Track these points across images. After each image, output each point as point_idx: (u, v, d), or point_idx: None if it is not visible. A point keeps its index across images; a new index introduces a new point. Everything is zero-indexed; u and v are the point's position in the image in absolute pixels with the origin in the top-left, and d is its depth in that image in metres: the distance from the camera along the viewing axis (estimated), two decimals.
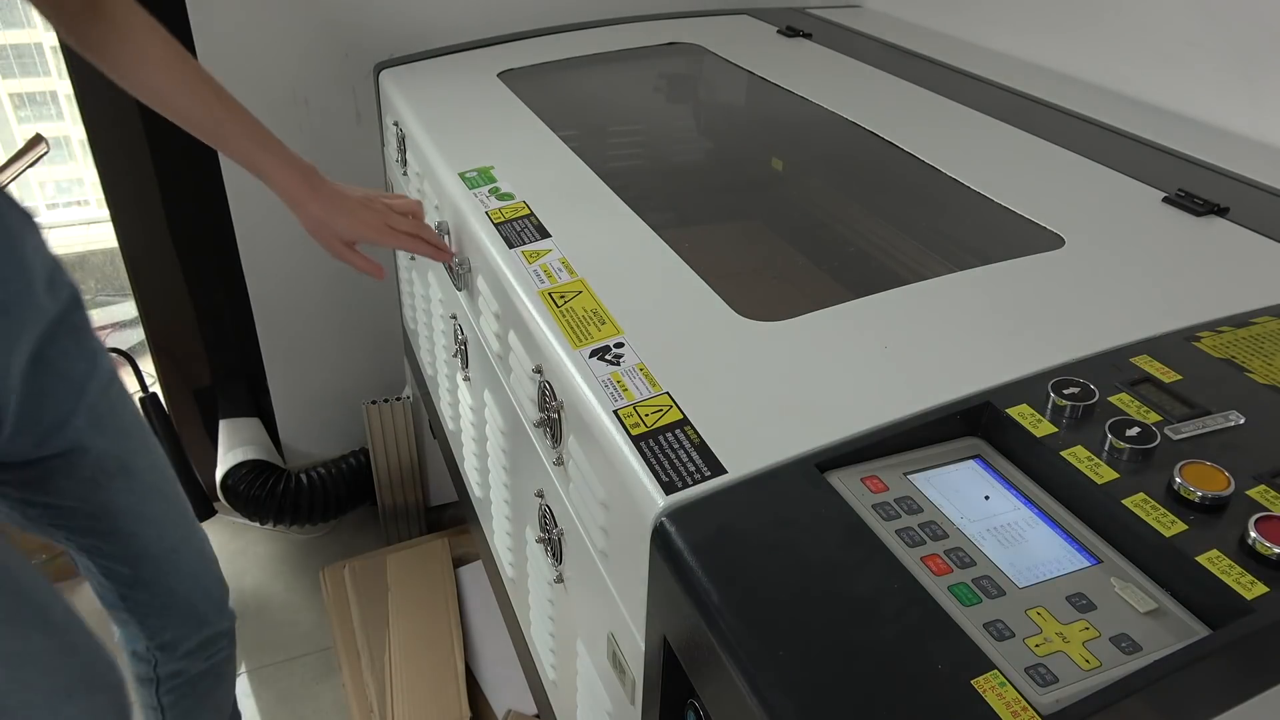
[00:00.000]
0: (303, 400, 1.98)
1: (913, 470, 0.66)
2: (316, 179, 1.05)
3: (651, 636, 0.68)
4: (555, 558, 0.93)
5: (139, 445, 1.10)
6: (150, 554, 1.13)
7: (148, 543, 1.12)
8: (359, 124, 1.76)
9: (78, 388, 1.01)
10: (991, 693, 0.50)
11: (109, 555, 1.11)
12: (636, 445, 0.68)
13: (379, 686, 1.57)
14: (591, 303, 0.86)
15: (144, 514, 1.11)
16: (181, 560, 1.16)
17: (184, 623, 1.20)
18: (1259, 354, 0.73)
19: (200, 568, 1.20)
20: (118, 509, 1.08)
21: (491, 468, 1.20)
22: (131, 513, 1.09)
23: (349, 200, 1.06)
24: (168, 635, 1.19)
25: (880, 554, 0.59)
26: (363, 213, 1.06)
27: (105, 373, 1.04)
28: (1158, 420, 0.66)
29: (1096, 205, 1.01)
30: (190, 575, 1.19)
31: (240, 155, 1.04)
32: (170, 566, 1.15)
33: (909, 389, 0.71)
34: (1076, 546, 0.60)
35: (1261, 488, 0.60)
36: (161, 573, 1.15)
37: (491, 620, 1.66)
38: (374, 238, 1.07)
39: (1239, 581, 0.54)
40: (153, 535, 1.12)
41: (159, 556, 1.14)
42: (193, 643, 1.22)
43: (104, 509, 1.07)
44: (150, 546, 1.12)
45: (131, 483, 1.08)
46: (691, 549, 0.59)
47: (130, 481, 1.08)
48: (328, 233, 1.07)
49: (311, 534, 2.05)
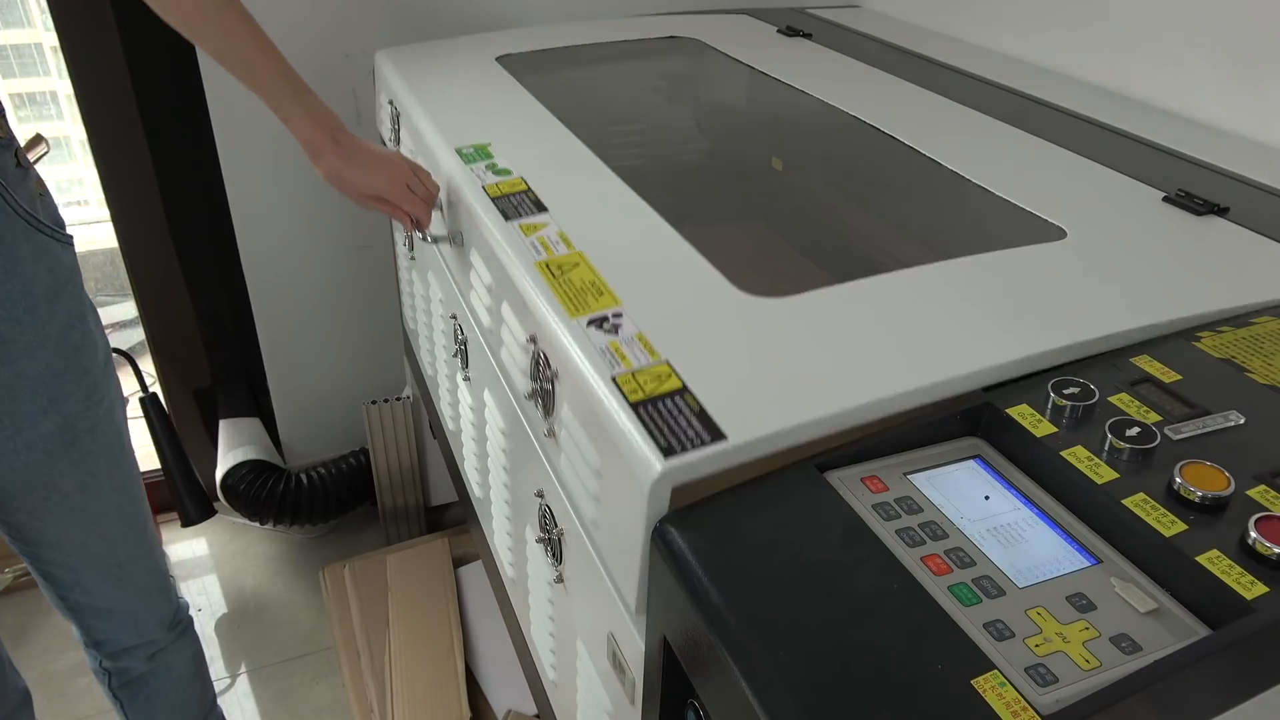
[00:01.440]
0: (303, 400, 1.98)
1: (913, 470, 0.66)
2: (340, 132, 1.06)
3: (651, 636, 0.68)
4: (555, 558, 0.93)
5: (109, 466, 1.07)
6: (95, 565, 1.12)
7: (94, 556, 1.11)
8: (359, 125, 1.76)
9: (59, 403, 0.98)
10: (991, 693, 0.50)
11: (52, 563, 1.10)
12: (635, 411, 0.66)
13: (379, 686, 1.57)
14: (590, 274, 0.85)
15: (95, 531, 1.09)
16: (127, 575, 1.15)
17: (121, 629, 1.19)
18: (1259, 354, 0.73)
19: (148, 584, 1.19)
20: (70, 523, 1.07)
21: (491, 468, 1.20)
22: (82, 529, 1.08)
23: (369, 154, 1.07)
24: (103, 636, 1.19)
25: (880, 554, 0.59)
26: (381, 168, 1.07)
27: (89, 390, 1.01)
28: (1158, 420, 0.66)
29: (1097, 203, 1.01)
30: (136, 591, 1.18)
31: (268, 98, 1.05)
32: (114, 580, 1.14)
33: (909, 363, 0.70)
34: (1076, 546, 0.60)
35: (1261, 488, 0.60)
36: (104, 584, 1.14)
37: (491, 620, 1.66)
38: (388, 192, 1.08)
39: (1239, 581, 0.54)
40: (101, 550, 1.11)
41: (103, 570, 1.13)
42: (130, 648, 1.22)
43: (56, 523, 1.06)
44: (96, 560, 1.11)
45: (89, 502, 1.07)
46: (691, 549, 0.59)
47: (88, 500, 1.07)
48: (345, 184, 1.07)
49: (311, 534, 2.05)
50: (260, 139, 1.72)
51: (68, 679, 1.71)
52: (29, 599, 1.86)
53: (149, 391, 1.83)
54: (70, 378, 0.98)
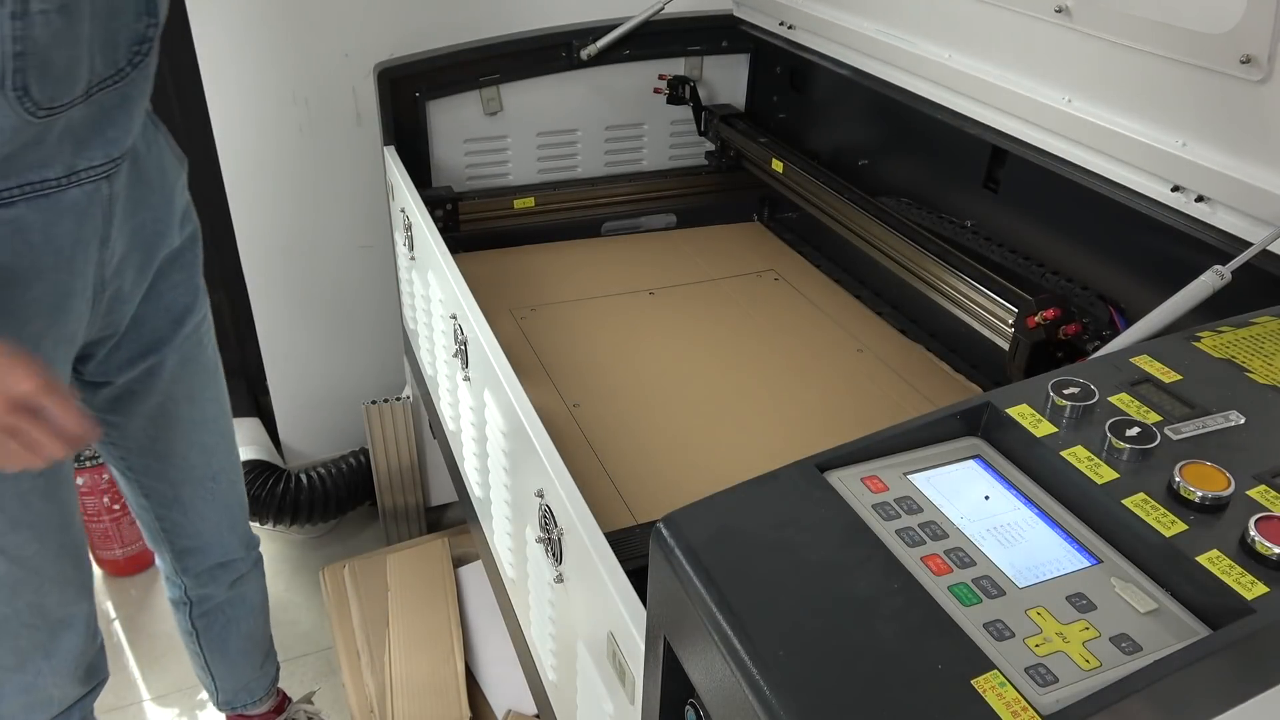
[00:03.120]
0: (303, 400, 1.98)
1: (913, 470, 0.66)
2: None
3: (651, 636, 0.68)
4: (555, 558, 0.93)
5: (211, 378, 1.17)
6: (194, 478, 1.19)
7: (193, 467, 1.19)
8: (359, 124, 1.76)
9: (177, 320, 1.08)
10: (991, 693, 0.50)
11: (156, 475, 1.17)
12: None
13: (379, 686, 1.57)
14: None
15: (197, 441, 1.18)
16: (219, 489, 1.23)
17: (209, 549, 1.27)
18: (1259, 354, 0.73)
19: (232, 500, 1.27)
20: (178, 434, 1.15)
21: (491, 468, 1.20)
22: (186, 439, 1.16)
23: None
24: (191, 560, 1.27)
25: (880, 554, 0.59)
26: None
27: (202, 310, 1.11)
28: (1158, 420, 0.66)
29: None
30: (223, 505, 1.25)
31: None
32: (207, 493, 1.22)
33: None
34: (1076, 546, 0.60)
35: (1261, 488, 0.60)
36: (198, 498, 1.21)
37: (491, 620, 1.66)
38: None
39: (1239, 581, 0.54)
40: (200, 461, 1.19)
41: (200, 482, 1.20)
42: (216, 570, 1.29)
43: (165, 432, 1.14)
44: (194, 471, 1.19)
45: (194, 411, 1.15)
46: (691, 549, 0.59)
47: (193, 409, 1.15)
48: None
49: (311, 534, 2.05)
50: (260, 138, 1.72)
51: None
52: None
53: None
54: (191, 291, 1.09)
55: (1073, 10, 1.04)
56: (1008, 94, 1.16)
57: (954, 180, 1.36)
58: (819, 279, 1.61)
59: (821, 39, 1.52)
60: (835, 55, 1.49)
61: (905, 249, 1.31)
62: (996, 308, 1.15)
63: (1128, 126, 1.02)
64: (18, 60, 0.76)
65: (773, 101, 1.77)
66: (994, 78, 1.19)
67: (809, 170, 1.52)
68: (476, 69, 1.63)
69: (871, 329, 1.46)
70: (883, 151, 1.52)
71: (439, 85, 1.62)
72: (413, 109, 1.61)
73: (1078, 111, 1.07)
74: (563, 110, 1.73)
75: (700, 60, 1.77)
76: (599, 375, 1.33)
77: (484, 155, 1.72)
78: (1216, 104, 0.92)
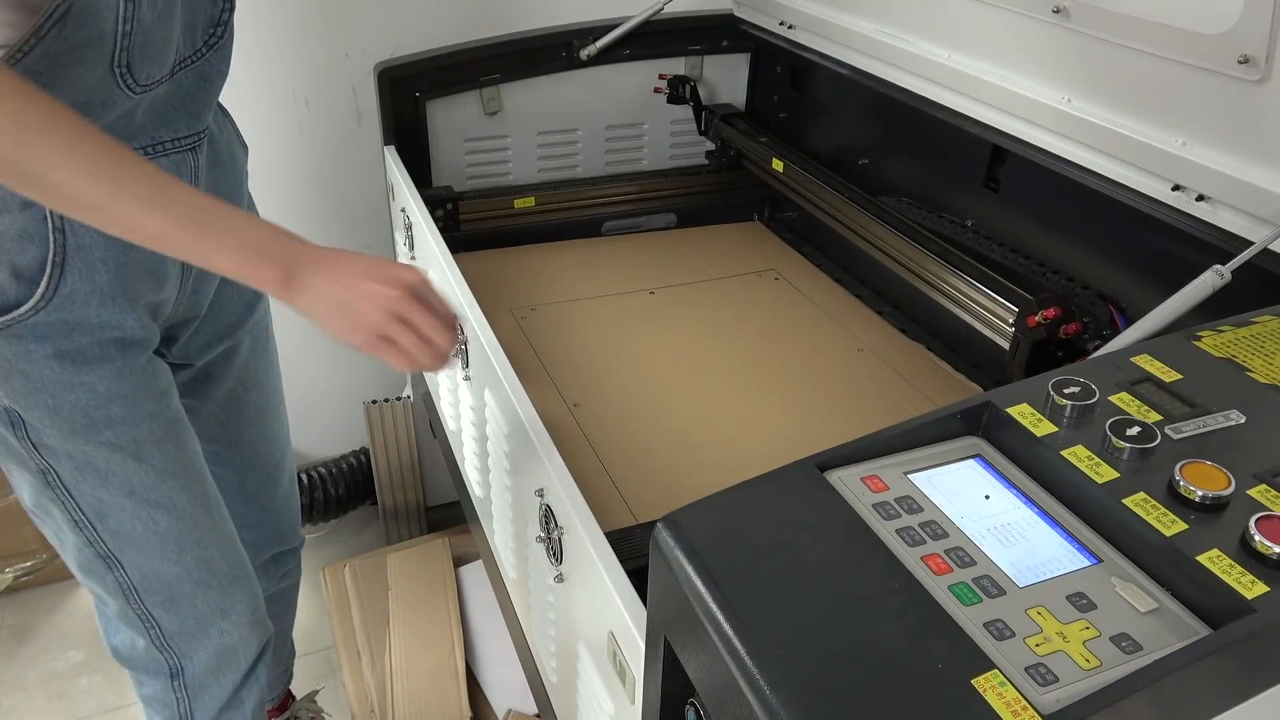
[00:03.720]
0: (303, 400, 1.98)
1: (913, 470, 0.66)
2: (296, 261, 0.77)
3: (651, 636, 0.68)
4: (555, 557, 0.93)
5: (272, 365, 1.19)
6: (258, 465, 1.21)
7: (258, 454, 1.20)
8: (359, 124, 1.76)
9: (249, 304, 1.11)
10: (991, 692, 0.50)
11: (223, 462, 1.17)
12: None
13: (379, 686, 1.57)
14: None
15: (263, 429, 1.19)
16: (281, 476, 1.25)
17: (268, 538, 1.28)
18: (1259, 353, 0.73)
19: (289, 488, 1.29)
20: (245, 419, 1.16)
21: (491, 468, 1.20)
22: (254, 425, 1.18)
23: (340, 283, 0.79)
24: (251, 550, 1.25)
25: (880, 554, 0.59)
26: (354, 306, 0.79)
27: (268, 297, 1.13)
28: (1158, 419, 0.66)
29: None
30: (283, 494, 1.27)
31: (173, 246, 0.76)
32: (271, 481, 1.24)
33: None
34: (1077, 546, 0.60)
35: (1262, 487, 0.60)
36: (262, 486, 1.23)
37: (491, 620, 1.66)
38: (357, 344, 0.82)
39: (1239, 581, 0.54)
40: (264, 449, 1.21)
41: (264, 469, 1.22)
42: (269, 564, 1.30)
43: (234, 418, 1.15)
44: (260, 458, 1.21)
45: (261, 397, 1.17)
46: (692, 549, 0.59)
47: (260, 396, 1.17)
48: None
49: (311, 534, 2.05)
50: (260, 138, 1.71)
51: (68, 679, 1.71)
52: (29, 599, 1.87)
53: None
54: None
55: (1070, 11, 1.04)
56: (1007, 94, 1.16)
57: (954, 180, 1.36)
58: (819, 278, 1.61)
59: (821, 39, 1.52)
60: (835, 55, 1.49)
61: (906, 248, 1.31)
62: (997, 307, 1.15)
63: (1127, 126, 1.02)
64: (124, 40, 0.79)
65: (773, 101, 1.77)
66: (994, 77, 1.19)
67: (809, 170, 1.51)
68: (476, 69, 1.63)
69: (872, 328, 1.46)
70: (883, 151, 1.52)
71: (439, 85, 1.62)
72: (413, 109, 1.61)
73: (1077, 111, 1.07)
74: (563, 110, 1.73)
75: (700, 60, 1.77)
76: (599, 375, 1.33)
77: (484, 155, 1.72)
78: (1215, 104, 0.92)
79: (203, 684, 1.08)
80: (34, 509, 0.98)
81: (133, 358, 0.92)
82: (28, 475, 0.94)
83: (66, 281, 0.85)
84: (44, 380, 0.87)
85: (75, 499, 0.94)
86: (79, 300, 0.86)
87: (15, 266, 0.83)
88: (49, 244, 0.83)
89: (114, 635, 1.07)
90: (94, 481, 0.93)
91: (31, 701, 1.67)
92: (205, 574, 1.03)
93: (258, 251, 0.76)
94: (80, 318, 0.86)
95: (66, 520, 0.95)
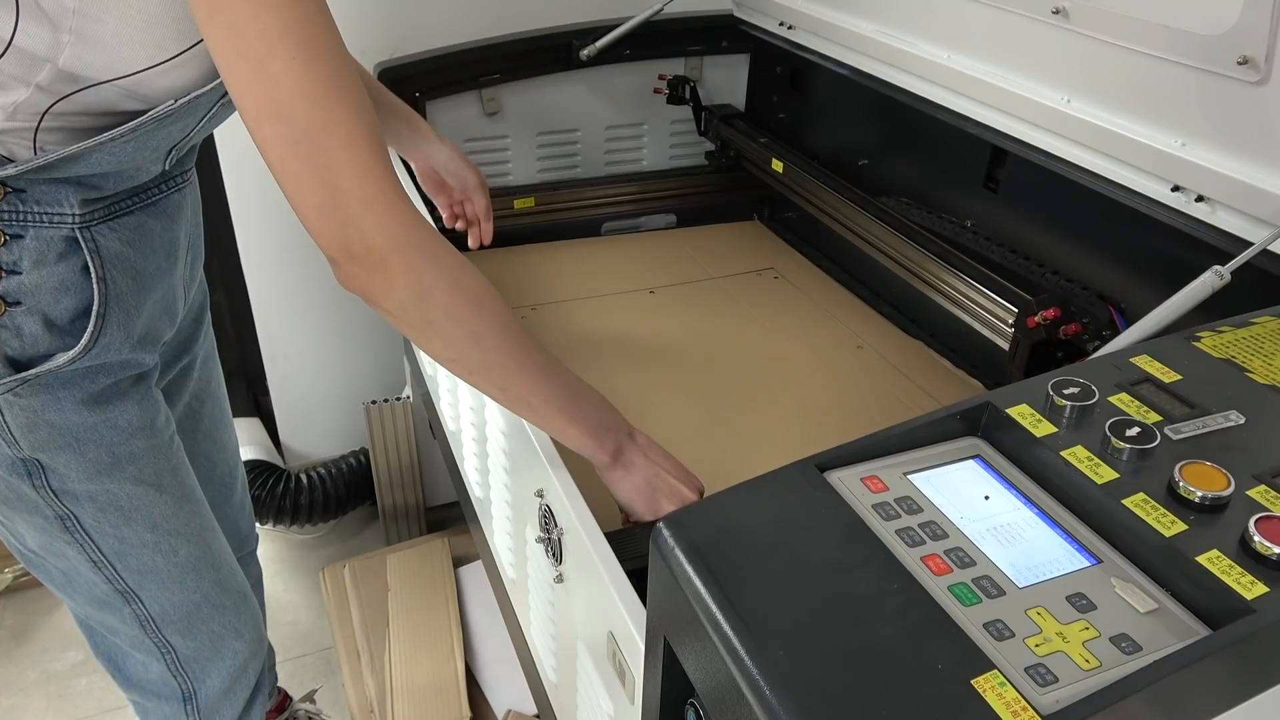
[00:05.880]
0: (303, 400, 1.98)
1: (913, 470, 0.66)
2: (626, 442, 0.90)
3: (651, 636, 0.68)
4: (555, 558, 0.93)
5: (219, 374, 1.19)
6: (215, 477, 1.20)
7: (215, 465, 1.19)
8: None
9: (197, 317, 1.11)
10: (991, 692, 0.50)
11: None
12: None
13: (379, 686, 1.57)
14: None
15: (217, 439, 1.19)
16: (235, 484, 1.24)
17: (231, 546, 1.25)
18: (1259, 354, 0.73)
19: (243, 493, 1.28)
20: (202, 433, 1.16)
21: (491, 468, 1.20)
22: (209, 438, 1.17)
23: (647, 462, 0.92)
24: None
25: (880, 554, 0.59)
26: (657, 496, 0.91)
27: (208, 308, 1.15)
28: (1158, 420, 0.66)
29: None
30: (239, 499, 1.26)
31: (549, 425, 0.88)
32: (228, 489, 1.23)
33: None
34: (1076, 546, 0.60)
35: (1261, 488, 0.60)
36: (221, 495, 1.21)
37: (491, 620, 1.66)
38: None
39: (1239, 581, 0.54)
40: (220, 459, 1.20)
41: (221, 479, 1.21)
42: None
43: (191, 433, 1.14)
44: (217, 469, 1.20)
45: (214, 408, 1.17)
46: (692, 549, 0.59)
47: (214, 406, 1.17)
48: None
49: (311, 534, 2.05)
50: None
51: (68, 679, 1.71)
52: (29, 599, 1.86)
53: None
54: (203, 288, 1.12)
55: (1069, 11, 1.04)
56: (1007, 94, 1.17)
57: (954, 180, 1.36)
58: (819, 278, 1.61)
59: (821, 39, 1.52)
60: (835, 55, 1.49)
61: (905, 249, 1.31)
62: (997, 307, 1.15)
63: (1127, 126, 1.02)
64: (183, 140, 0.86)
65: (773, 101, 1.77)
66: (993, 78, 1.19)
67: (809, 170, 1.52)
68: (476, 69, 1.63)
69: (872, 325, 1.46)
70: (883, 151, 1.52)
71: (439, 85, 1.62)
72: (413, 109, 1.61)
73: (1077, 112, 1.07)
74: (563, 110, 1.73)
75: (700, 60, 1.77)
76: (599, 374, 1.33)
77: (484, 155, 1.72)
78: (1215, 105, 0.92)
79: (216, 706, 1.07)
80: (39, 553, 0.94)
81: (145, 389, 0.91)
82: (39, 522, 0.90)
83: (107, 331, 0.84)
84: (71, 426, 0.85)
85: (95, 541, 0.92)
86: (114, 347, 0.85)
87: (48, 318, 0.81)
88: (94, 295, 0.82)
89: (123, 661, 1.05)
90: (116, 520, 0.92)
91: (31, 702, 1.67)
92: (220, 595, 1.02)
93: (604, 428, 0.87)
94: (109, 362, 0.86)
95: (84, 561, 0.93)
